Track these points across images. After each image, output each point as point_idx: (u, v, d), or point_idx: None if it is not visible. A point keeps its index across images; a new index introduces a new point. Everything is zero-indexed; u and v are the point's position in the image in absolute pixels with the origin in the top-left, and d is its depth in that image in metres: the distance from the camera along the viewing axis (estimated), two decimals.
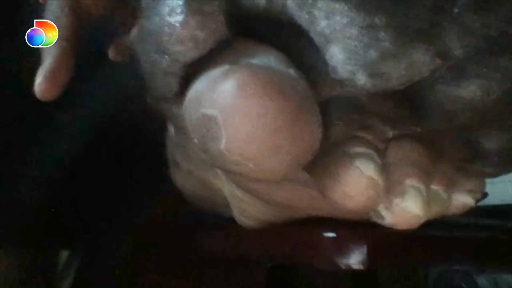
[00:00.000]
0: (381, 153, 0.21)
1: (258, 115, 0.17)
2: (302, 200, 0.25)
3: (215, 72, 0.18)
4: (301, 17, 0.20)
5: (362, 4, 0.19)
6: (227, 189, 0.29)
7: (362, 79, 0.19)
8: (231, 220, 0.32)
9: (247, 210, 0.29)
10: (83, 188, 0.34)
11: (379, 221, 0.21)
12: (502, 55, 0.20)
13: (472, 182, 0.23)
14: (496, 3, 0.19)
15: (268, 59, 0.19)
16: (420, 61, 0.19)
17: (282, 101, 0.17)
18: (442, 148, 0.22)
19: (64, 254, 0.42)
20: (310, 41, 0.20)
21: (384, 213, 0.21)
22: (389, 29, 0.19)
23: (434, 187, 0.22)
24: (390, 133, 0.22)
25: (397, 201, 0.21)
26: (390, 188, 0.21)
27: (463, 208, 0.23)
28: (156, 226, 0.35)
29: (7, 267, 0.34)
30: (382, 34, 0.19)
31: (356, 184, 0.19)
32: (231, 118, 0.17)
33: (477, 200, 0.24)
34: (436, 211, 0.22)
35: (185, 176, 0.28)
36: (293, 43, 0.21)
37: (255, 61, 0.19)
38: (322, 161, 0.20)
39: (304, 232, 0.31)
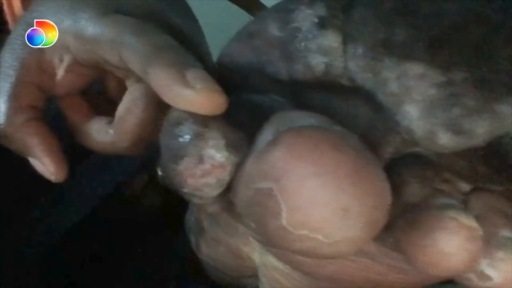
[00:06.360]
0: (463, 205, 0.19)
1: (315, 175, 0.16)
2: (352, 272, 0.20)
3: (259, 147, 0.18)
4: (366, 79, 0.19)
5: (434, 60, 0.18)
6: (259, 257, 0.24)
7: (443, 137, 0.18)
8: None
9: (280, 282, 0.24)
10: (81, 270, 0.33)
11: (481, 284, 0.18)
12: None
13: None
14: None
15: (308, 121, 0.18)
16: (504, 114, 0.18)
17: (338, 155, 0.16)
18: None
19: None
20: (366, 101, 0.19)
21: (490, 271, 0.17)
22: (468, 84, 0.18)
23: None
24: (468, 188, 0.20)
25: (501, 255, 0.17)
26: (487, 240, 0.17)
27: None
28: None
29: None
30: (461, 90, 0.18)
31: (455, 237, 0.16)
32: (288, 185, 0.16)
33: None
34: None
35: (211, 244, 0.25)
36: (340, 106, 0.20)
37: (297, 125, 0.17)
38: (402, 223, 0.18)
39: None
